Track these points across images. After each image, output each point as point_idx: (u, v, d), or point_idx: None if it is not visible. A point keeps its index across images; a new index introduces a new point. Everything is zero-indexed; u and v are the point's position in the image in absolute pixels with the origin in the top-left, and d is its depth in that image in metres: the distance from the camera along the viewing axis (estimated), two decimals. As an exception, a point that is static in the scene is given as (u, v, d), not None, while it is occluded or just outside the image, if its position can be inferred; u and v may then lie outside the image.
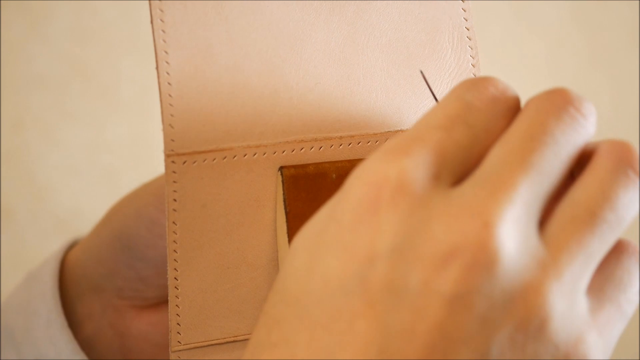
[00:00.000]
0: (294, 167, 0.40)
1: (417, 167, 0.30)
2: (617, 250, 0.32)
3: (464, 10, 0.42)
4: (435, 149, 0.31)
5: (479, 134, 0.32)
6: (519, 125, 0.32)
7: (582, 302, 0.31)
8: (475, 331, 0.29)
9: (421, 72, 0.41)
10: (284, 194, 0.40)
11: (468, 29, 0.42)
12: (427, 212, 0.30)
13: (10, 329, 0.51)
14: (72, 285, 0.51)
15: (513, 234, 0.30)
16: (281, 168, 0.40)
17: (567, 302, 0.30)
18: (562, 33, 0.90)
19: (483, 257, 0.29)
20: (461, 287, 0.29)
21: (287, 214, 0.40)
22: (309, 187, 0.40)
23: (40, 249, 0.77)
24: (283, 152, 0.40)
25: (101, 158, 0.82)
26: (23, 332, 0.50)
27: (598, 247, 0.31)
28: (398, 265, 0.29)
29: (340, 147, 0.41)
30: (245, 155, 0.39)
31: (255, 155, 0.39)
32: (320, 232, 0.32)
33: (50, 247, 0.74)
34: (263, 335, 0.32)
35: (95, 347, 0.51)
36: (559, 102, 0.32)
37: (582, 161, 0.33)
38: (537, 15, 0.90)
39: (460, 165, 0.31)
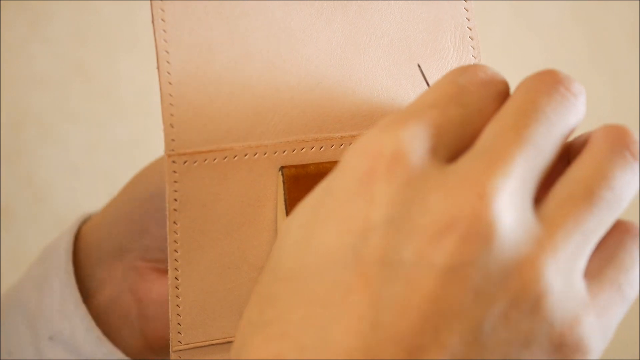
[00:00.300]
0: (295, 167, 0.40)
1: (413, 139, 0.30)
2: (619, 232, 0.32)
3: (467, 10, 0.42)
4: (431, 124, 0.31)
5: (472, 114, 0.32)
6: (511, 104, 0.32)
7: (579, 283, 0.30)
8: (469, 305, 0.29)
9: (418, 66, 0.41)
10: (284, 193, 0.40)
11: (470, 29, 0.42)
12: (423, 184, 0.30)
13: (24, 305, 0.51)
14: (91, 252, 0.51)
15: (509, 207, 0.29)
16: (282, 168, 0.40)
17: (563, 280, 0.30)
18: (562, 33, 0.90)
19: (479, 229, 0.29)
20: (456, 259, 0.28)
21: (287, 214, 0.40)
22: (310, 187, 0.40)
23: (40, 249, 0.77)
24: (284, 152, 0.40)
25: (101, 158, 0.82)
26: (37, 308, 0.50)
27: (595, 226, 0.31)
28: (393, 237, 0.29)
29: (342, 147, 0.41)
30: (245, 155, 0.39)
31: (256, 155, 0.39)
32: (315, 206, 0.31)
33: (50, 247, 0.74)
34: (255, 314, 0.31)
35: (112, 314, 0.51)
36: (548, 82, 0.32)
37: (578, 149, 0.33)
38: (538, 15, 0.90)
39: (455, 143, 0.31)
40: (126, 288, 0.51)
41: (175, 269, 0.40)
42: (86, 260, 0.51)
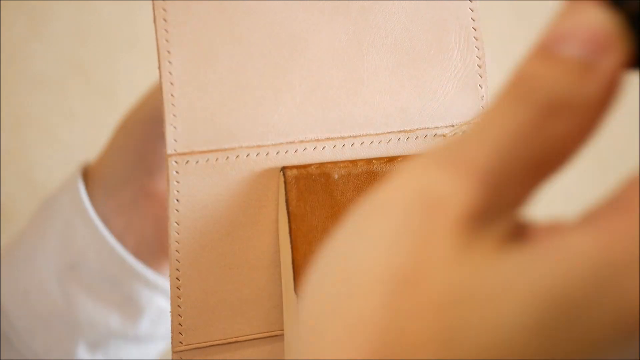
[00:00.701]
0: (296, 167, 0.40)
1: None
2: None
3: (472, 10, 0.42)
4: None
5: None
6: None
7: None
8: None
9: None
10: (286, 194, 0.40)
11: (475, 29, 0.42)
12: None
13: (41, 244, 0.53)
14: (97, 187, 0.54)
15: None
16: (283, 168, 0.40)
17: None
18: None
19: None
20: None
21: (289, 214, 0.39)
22: (311, 187, 0.40)
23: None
24: (285, 152, 0.40)
25: (101, 158, 0.82)
26: (59, 243, 0.53)
27: None
28: None
29: (343, 147, 0.41)
30: (247, 156, 0.39)
31: (258, 156, 0.39)
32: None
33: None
34: None
35: (129, 239, 0.54)
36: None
37: None
38: (539, 14, 0.90)
39: None
40: (138, 211, 0.53)
41: (177, 269, 0.40)
42: (94, 196, 0.54)
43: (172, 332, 0.40)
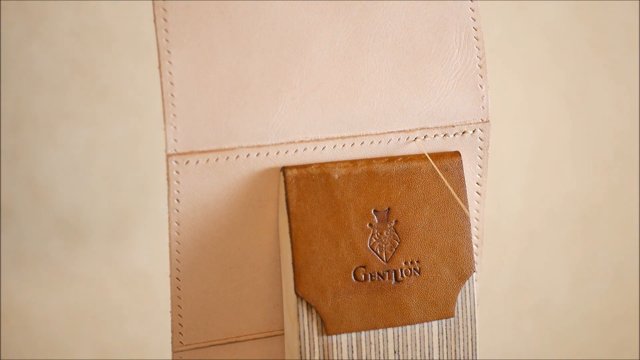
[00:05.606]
0: (296, 167, 0.40)
1: None
2: None
3: (472, 10, 0.42)
4: None
5: None
6: None
7: None
8: None
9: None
10: (286, 194, 0.40)
11: (476, 29, 0.42)
12: None
13: None
14: None
15: None
16: (283, 168, 0.40)
17: None
18: (565, 30, 0.90)
19: None
20: None
21: (289, 214, 0.39)
22: (311, 187, 0.40)
23: (40, 249, 0.77)
24: (285, 152, 0.40)
25: (101, 158, 0.82)
26: None
27: None
28: None
29: (343, 147, 0.41)
30: (247, 156, 0.39)
31: (258, 156, 0.39)
32: None
33: (50, 247, 0.74)
34: None
35: None
36: None
37: None
38: (540, 13, 0.90)
39: None
40: None
41: (177, 269, 0.40)
42: None
43: (172, 332, 0.40)
